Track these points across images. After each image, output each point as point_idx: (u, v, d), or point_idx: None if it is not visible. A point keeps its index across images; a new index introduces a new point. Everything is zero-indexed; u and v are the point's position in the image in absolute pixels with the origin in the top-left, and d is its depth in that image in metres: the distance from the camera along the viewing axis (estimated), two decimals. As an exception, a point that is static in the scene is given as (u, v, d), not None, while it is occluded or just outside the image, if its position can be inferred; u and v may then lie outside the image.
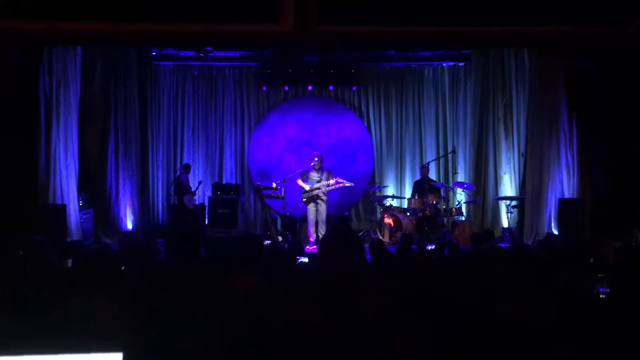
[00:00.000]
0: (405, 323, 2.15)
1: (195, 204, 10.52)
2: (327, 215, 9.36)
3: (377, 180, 11.46)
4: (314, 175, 9.24)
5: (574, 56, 8.57)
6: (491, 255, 4.63)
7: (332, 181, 9.05)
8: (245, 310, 2.26)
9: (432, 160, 11.05)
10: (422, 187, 10.16)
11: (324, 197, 9.17)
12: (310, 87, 11.47)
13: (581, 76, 8.64)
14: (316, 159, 9.25)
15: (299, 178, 9.34)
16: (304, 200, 9.25)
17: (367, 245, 5.75)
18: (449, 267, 4.45)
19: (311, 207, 9.22)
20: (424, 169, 10.42)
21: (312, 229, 9.23)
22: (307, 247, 8.60)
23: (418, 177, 10.92)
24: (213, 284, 2.77)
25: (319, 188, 9.10)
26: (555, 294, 2.73)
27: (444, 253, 5.85)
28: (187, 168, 10.44)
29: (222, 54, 11.17)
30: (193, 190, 10.43)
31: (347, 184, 9.12)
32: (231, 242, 3.23)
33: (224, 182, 11.26)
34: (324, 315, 2.10)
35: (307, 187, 9.19)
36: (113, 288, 2.66)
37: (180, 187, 10.21)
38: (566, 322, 2.48)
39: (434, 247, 6.50)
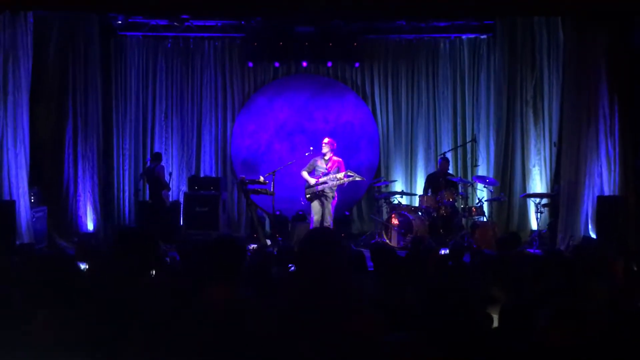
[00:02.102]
0: (414, 347, 2.13)
1: (169, 201, 10.49)
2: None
3: (383, 173, 11.44)
4: (321, 166, 9.18)
5: (619, 27, 8.54)
6: (519, 263, 4.62)
7: (340, 174, 8.97)
8: (219, 328, 2.24)
9: (449, 151, 11.01)
10: (437, 181, 10.14)
11: (332, 194, 9.09)
12: (304, 64, 11.41)
13: (626, 52, 8.61)
14: (328, 146, 9.18)
15: (304, 169, 9.27)
16: (307, 196, 9.18)
17: (368, 250, 5.74)
18: (470, 278, 4.44)
19: (316, 205, 9.13)
20: (445, 161, 10.39)
21: None
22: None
23: (432, 169, 10.91)
24: (182, 297, 2.76)
25: (325, 182, 9.02)
26: (595, 309, 2.71)
27: (462, 260, 5.84)
28: (157, 158, 10.39)
29: (200, 23, 11.09)
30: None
31: (357, 178, 9.07)
32: (206, 246, 3.16)
33: (202, 176, 11.22)
34: (303, 334, 2.09)
35: (312, 180, 9.11)
36: (69, 298, 2.64)
37: (158, 181, 10.14)
38: (608, 341, 2.47)
39: (448, 252, 6.49)
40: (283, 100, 11.56)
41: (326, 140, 9.25)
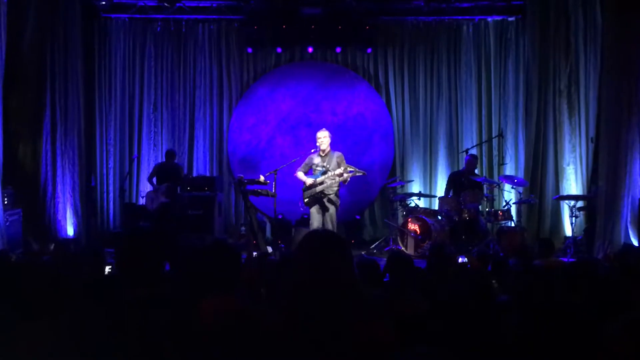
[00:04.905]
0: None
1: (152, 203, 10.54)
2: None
3: (398, 173, 11.45)
4: (319, 164, 8.66)
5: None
6: (548, 274, 4.62)
7: (339, 170, 8.40)
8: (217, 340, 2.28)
9: (473, 147, 11.02)
10: (460, 182, 10.13)
11: (334, 197, 8.59)
12: (310, 49, 11.46)
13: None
14: (322, 139, 8.60)
15: (299, 169, 8.80)
16: (305, 200, 8.73)
17: (384, 259, 5.76)
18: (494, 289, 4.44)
19: (314, 211, 8.67)
20: (473, 158, 10.34)
21: None
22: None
23: (454, 168, 10.91)
24: (178, 307, 2.79)
25: (323, 182, 8.54)
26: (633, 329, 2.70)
27: (486, 269, 5.84)
28: (167, 156, 10.62)
29: (193, 3, 11.15)
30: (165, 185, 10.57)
31: (358, 173, 8.51)
32: (200, 253, 3.26)
33: (195, 175, 11.27)
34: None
35: (308, 181, 8.62)
36: (48, 311, 2.68)
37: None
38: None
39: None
40: (286, 90, 11.59)
41: (325, 133, 8.64)
